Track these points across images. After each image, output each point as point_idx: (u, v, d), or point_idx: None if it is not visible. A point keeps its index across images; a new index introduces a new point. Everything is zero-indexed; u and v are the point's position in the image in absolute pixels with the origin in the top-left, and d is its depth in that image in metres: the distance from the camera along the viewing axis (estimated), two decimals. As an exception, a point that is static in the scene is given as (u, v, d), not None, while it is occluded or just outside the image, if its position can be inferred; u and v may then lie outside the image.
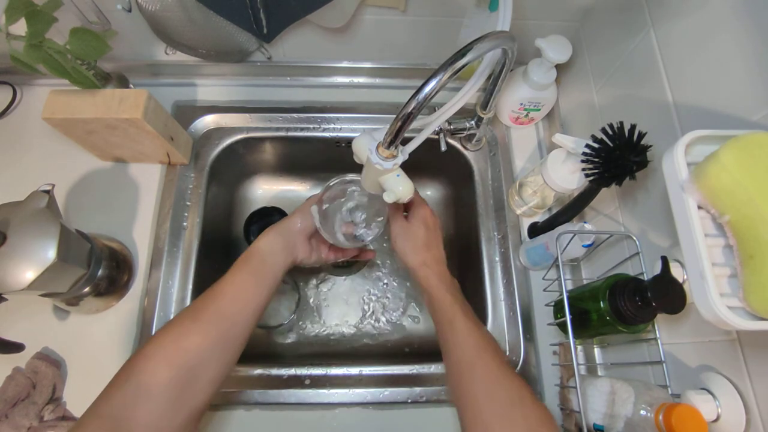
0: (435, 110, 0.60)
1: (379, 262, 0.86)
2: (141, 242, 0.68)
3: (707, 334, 0.46)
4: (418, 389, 0.62)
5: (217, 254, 0.77)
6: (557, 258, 0.56)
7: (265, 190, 0.89)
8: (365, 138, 0.50)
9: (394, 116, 0.43)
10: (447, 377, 0.52)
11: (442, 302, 0.52)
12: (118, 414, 0.40)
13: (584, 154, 0.50)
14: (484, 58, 0.55)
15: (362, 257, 0.68)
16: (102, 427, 0.40)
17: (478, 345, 0.49)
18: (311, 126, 0.77)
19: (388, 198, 0.49)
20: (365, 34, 0.72)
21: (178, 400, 0.43)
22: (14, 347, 0.57)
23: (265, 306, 0.52)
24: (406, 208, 0.59)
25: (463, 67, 0.42)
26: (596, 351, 0.64)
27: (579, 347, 0.65)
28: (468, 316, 0.51)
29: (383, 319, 0.81)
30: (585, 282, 0.65)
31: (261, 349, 0.78)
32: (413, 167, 0.51)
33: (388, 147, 0.45)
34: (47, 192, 0.54)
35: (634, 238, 0.55)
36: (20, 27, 0.52)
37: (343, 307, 0.82)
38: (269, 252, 0.53)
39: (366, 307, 0.82)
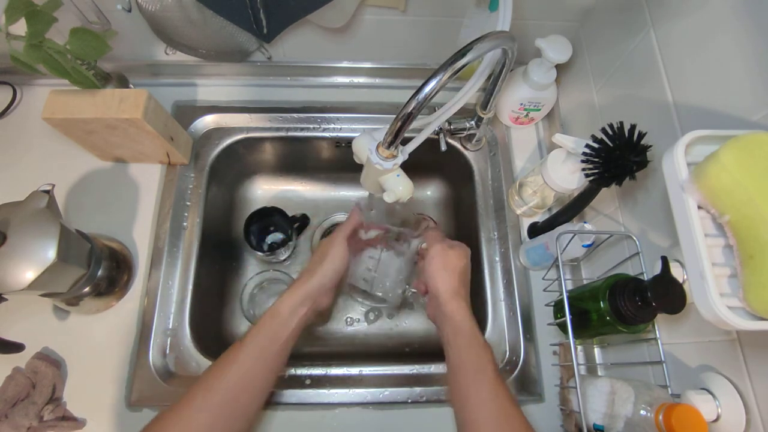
0: (435, 110, 0.60)
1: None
2: (141, 242, 0.68)
3: (707, 334, 0.46)
4: (418, 389, 0.62)
5: (217, 254, 0.77)
6: (557, 258, 0.56)
7: (265, 190, 0.89)
8: (365, 138, 0.50)
9: (394, 116, 0.43)
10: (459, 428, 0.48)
11: (471, 339, 0.49)
12: None
13: (584, 154, 0.50)
14: (484, 58, 0.55)
15: None
16: None
17: (503, 407, 0.46)
18: (311, 126, 0.77)
19: (388, 198, 0.49)
20: (365, 34, 0.72)
21: None
22: (14, 347, 0.57)
23: (281, 367, 0.52)
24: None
25: (463, 67, 0.42)
26: (596, 351, 0.64)
27: (579, 347, 0.65)
28: (496, 370, 0.48)
29: (383, 319, 0.81)
30: (585, 282, 0.65)
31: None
32: (413, 167, 0.51)
33: (388, 147, 0.45)
34: (47, 192, 0.54)
35: (634, 238, 0.55)
36: (20, 27, 0.52)
37: (343, 307, 0.82)
38: (291, 317, 0.52)
39: (366, 307, 0.82)
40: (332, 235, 0.58)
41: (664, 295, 0.43)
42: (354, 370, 0.64)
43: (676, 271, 0.44)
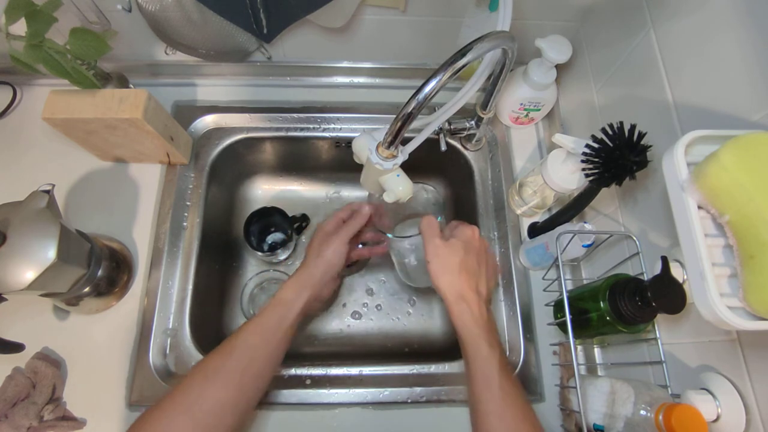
0: (435, 110, 0.60)
1: (380, 261, 0.85)
2: (141, 242, 0.68)
3: (707, 334, 0.46)
4: (418, 389, 0.62)
5: (217, 254, 0.77)
6: (557, 258, 0.56)
7: (265, 190, 0.89)
8: (365, 138, 0.50)
9: (394, 116, 0.43)
10: None
11: (475, 351, 0.46)
12: None
13: (584, 154, 0.50)
14: (484, 58, 0.55)
15: (372, 253, 0.67)
16: None
17: (516, 418, 0.44)
18: (311, 126, 0.77)
19: (388, 198, 0.49)
20: (365, 34, 0.72)
21: None
22: (14, 347, 0.57)
23: (283, 353, 0.53)
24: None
25: (463, 67, 0.42)
26: (596, 351, 0.64)
27: (579, 347, 0.65)
28: (508, 376, 0.46)
29: (384, 319, 0.81)
30: (585, 282, 0.65)
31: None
32: (413, 167, 0.51)
33: (388, 147, 0.45)
34: (47, 192, 0.54)
35: (634, 238, 0.55)
36: (20, 27, 0.52)
37: (343, 307, 0.82)
38: (294, 304, 0.53)
39: (366, 307, 0.82)
40: (328, 226, 0.58)
41: (664, 295, 0.43)
42: (354, 370, 0.64)
43: (676, 271, 0.44)
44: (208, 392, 0.46)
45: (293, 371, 0.63)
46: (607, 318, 0.49)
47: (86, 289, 0.59)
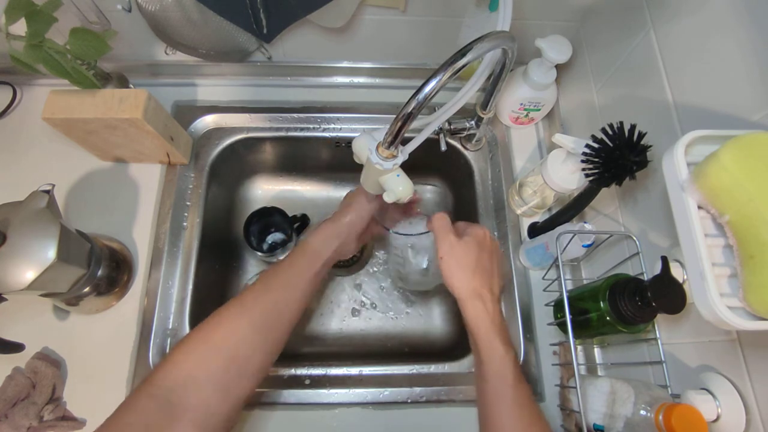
0: (435, 110, 0.60)
1: (380, 260, 0.86)
2: (141, 242, 0.68)
3: (707, 334, 0.46)
4: (418, 389, 0.62)
5: (217, 254, 0.77)
6: (557, 258, 0.56)
7: (265, 190, 0.89)
8: (365, 138, 0.50)
9: (394, 116, 0.43)
10: None
11: (490, 350, 0.46)
12: (168, 397, 0.41)
13: (584, 154, 0.50)
14: (484, 58, 0.55)
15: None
16: (153, 408, 0.40)
17: (522, 419, 0.44)
18: (311, 126, 0.77)
19: (388, 198, 0.49)
20: (365, 34, 0.72)
21: (224, 389, 0.44)
22: (14, 347, 0.57)
23: (309, 299, 0.53)
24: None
25: (463, 67, 0.42)
26: (596, 351, 0.64)
27: (579, 347, 0.65)
28: (522, 378, 0.46)
29: (383, 318, 0.81)
30: (585, 282, 0.65)
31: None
32: (413, 167, 0.51)
33: (388, 147, 0.45)
34: (47, 192, 0.54)
35: (634, 238, 0.55)
36: (20, 27, 0.52)
37: (343, 307, 0.82)
38: (323, 250, 0.54)
39: (366, 307, 0.82)
40: (356, 190, 0.59)
41: (664, 295, 0.43)
42: (354, 370, 0.64)
43: (676, 271, 0.44)
44: (231, 328, 0.46)
45: (293, 371, 0.64)
46: (607, 318, 0.49)
47: (86, 289, 0.59)
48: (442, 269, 0.48)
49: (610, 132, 0.49)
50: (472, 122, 0.71)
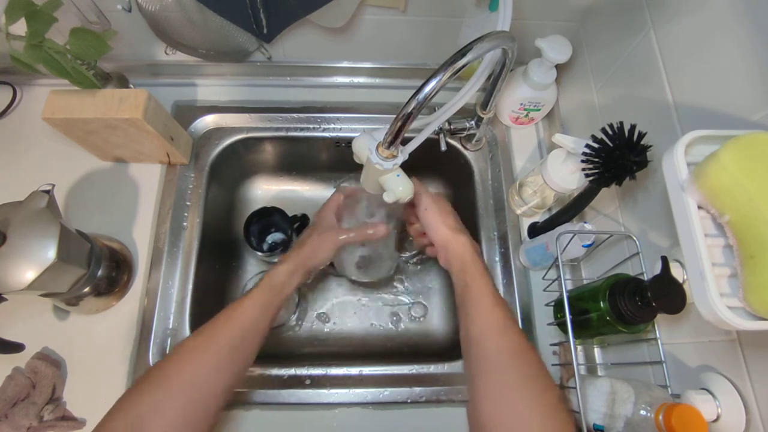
0: (435, 110, 0.60)
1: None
2: (141, 242, 0.68)
3: (707, 334, 0.46)
4: (418, 389, 0.62)
5: (217, 254, 0.77)
6: (557, 258, 0.56)
7: (265, 190, 0.89)
8: (365, 138, 0.50)
9: (394, 116, 0.43)
10: (470, 347, 0.50)
11: (475, 271, 0.52)
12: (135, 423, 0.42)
13: (584, 154, 0.50)
14: (484, 58, 0.55)
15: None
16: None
17: (503, 319, 0.49)
18: (311, 126, 0.77)
19: (388, 198, 0.49)
20: (365, 34, 0.72)
21: (190, 423, 0.45)
22: (14, 347, 0.57)
23: (269, 330, 0.54)
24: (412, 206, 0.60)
25: (463, 67, 0.42)
26: (596, 351, 0.64)
27: (579, 347, 0.65)
28: (498, 293, 0.52)
29: (383, 318, 0.81)
30: (585, 282, 0.65)
31: (261, 349, 0.78)
32: (413, 167, 0.51)
33: (388, 147, 0.45)
34: (47, 192, 0.54)
35: (634, 238, 0.55)
36: (20, 27, 0.52)
37: (342, 307, 0.82)
38: (286, 287, 0.54)
39: (366, 307, 0.82)
40: (321, 211, 0.62)
41: (664, 295, 0.43)
42: (354, 370, 0.64)
43: (676, 271, 0.44)
44: (191, 367, 0.47)
45: (293, 371, 0.64)
46: (607, 318, 0.49)
47: (86, 289, 0.59)
48: (427, 218, 0.56)
49: (610, 132, 0.49)
50: (472, 122, 0.71)
